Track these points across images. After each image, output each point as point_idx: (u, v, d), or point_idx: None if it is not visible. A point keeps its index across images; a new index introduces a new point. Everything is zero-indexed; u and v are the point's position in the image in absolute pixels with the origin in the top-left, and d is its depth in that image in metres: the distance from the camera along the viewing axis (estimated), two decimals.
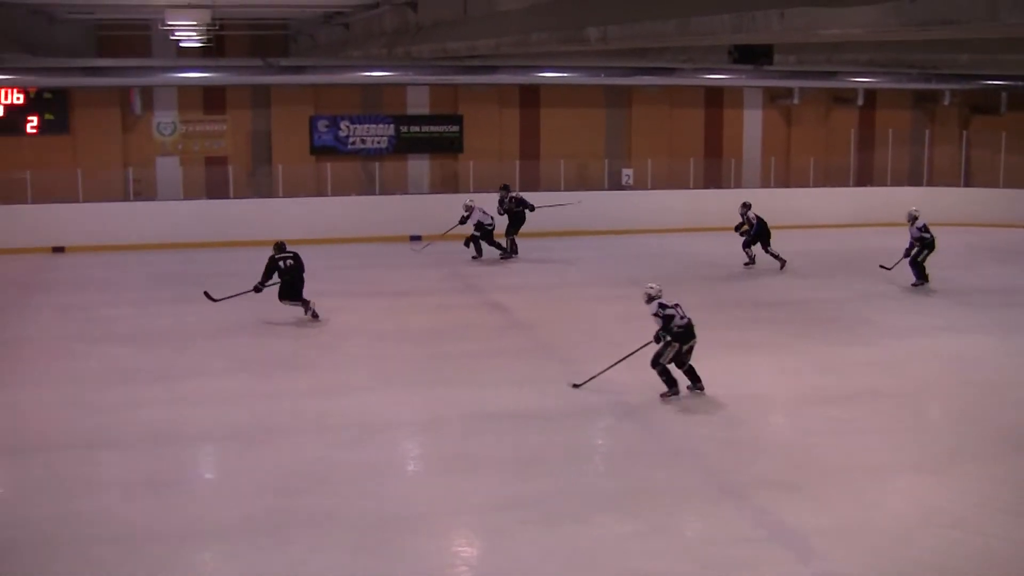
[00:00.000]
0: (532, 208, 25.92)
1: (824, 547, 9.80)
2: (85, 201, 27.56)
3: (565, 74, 29.12)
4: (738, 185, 32.50)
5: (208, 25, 23.95)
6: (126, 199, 28.73)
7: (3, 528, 10.39)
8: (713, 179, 32.34)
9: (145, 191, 29.35)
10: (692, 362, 14.42)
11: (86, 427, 13.47)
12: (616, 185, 31.52)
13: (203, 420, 13.73)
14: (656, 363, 14.24)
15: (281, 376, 15.70)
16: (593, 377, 14.83)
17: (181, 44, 29.55)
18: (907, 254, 22.20)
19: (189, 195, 29.40)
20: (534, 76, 29.25)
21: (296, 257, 18.79)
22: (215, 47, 29.39)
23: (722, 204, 28.43)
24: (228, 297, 19.26)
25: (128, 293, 21.58)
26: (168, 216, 27.86)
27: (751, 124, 33.90)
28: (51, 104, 28.73)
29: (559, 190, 30.13)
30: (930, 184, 33.40)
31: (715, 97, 33.23)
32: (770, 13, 11.05)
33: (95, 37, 34.83)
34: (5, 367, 16.56)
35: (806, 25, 10.86)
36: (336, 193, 29.12)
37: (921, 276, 22.14)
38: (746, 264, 24.08)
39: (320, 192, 29.23)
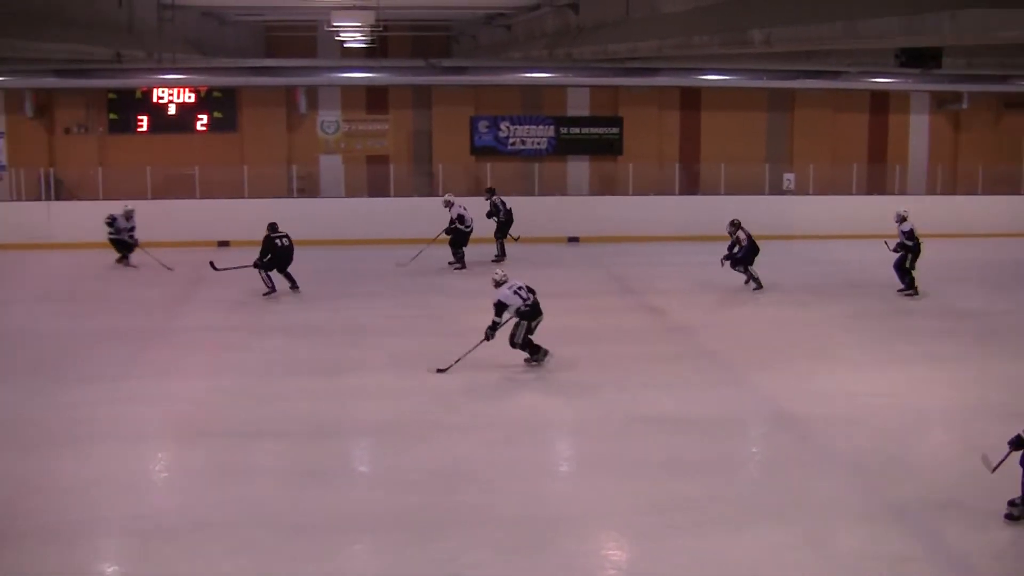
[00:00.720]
0: (498, 220, 25.64)
1: (984, 567, 9.54)
2: (250, 197, 28.19)
3: (727, 76, 28.79)
4: (902, 192, 31.77)
5: (372, 26, 24.33)
6: (290, 196, 29.30)
7: (165, 513, 10.69)
8: (877, 185, 31.67)
9: (308, 188, 29.90)
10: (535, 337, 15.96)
11: (247, 416, 13.79)
12: (777, 190, 31.10)
13: (361, 414, 13.94)
14: (514, 343, 15.76)
15: (437, 373, 15.83)
16: (457, 360, 15.59)
17: (346, 45, 30.08)
18: (896, 249, 21.58)
19: (351, 193, 29.87)
20: (695, 78, 28.98)
21: (288, 237, 21.22)
22: (378, 48, 29.81)
23: (886, 211, 27.83)
24: (231, 268, 21.67)
25: (287, 287, 21.99)
26: (330, 213, 28.33)
27: (917, 129, 33.10)
28: (220, 103, 29.45)
29: (719, 194, 29.85)
30: None
31: (880, 101, 32.53)
32: (941, 15, 10.74)
33: (263, 38, 35.67)
34: (171, 357, 17.06)
35: (979, 27, 10.53)
36: (496, 193, 29.23)
37: (910, 285, 21.49)
38: (747, 282, 22.26)
39: (480, 192, 29.41)
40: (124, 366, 16.18)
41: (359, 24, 24.35)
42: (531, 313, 15.69)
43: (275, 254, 21.18)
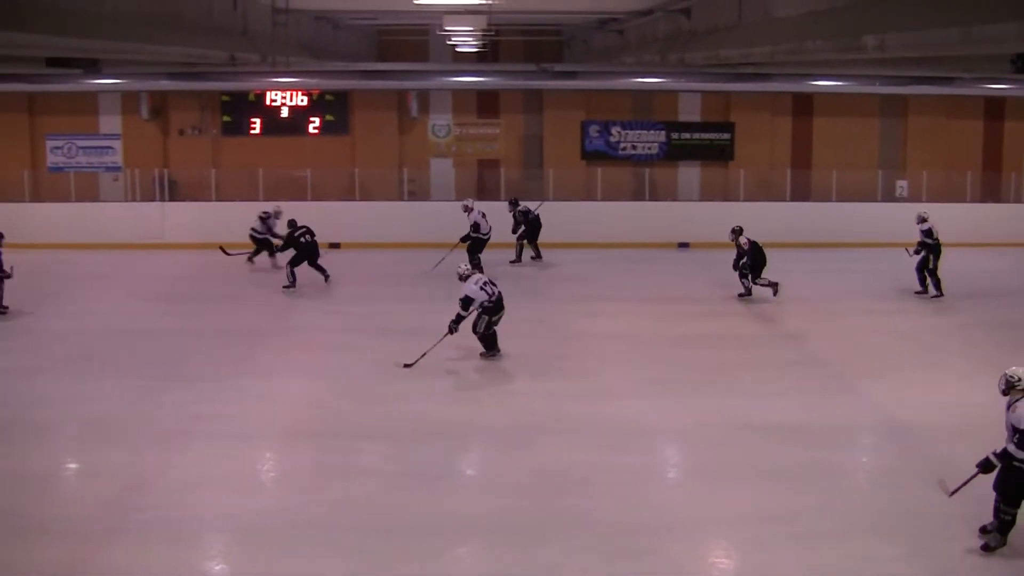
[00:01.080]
0: (534, 221, 25.62)
1: None
2: (361, 200, 28.46)
3: (839, 82, 28.40)
4: (1018, 200, 31.14)
5: (484, 31, 24.46)
6: (400, 199, 29.53)
7: (270, 512, 10.84)
8: (992, 193, 31.06)
9: (419, 191, 30.11)
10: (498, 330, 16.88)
11: (353, 417, 13.96)
12: (890, 197, 30.65)
13: (466, 417, 14.02)
14: (475, 330, 16.64)
15: (545, 377, 15.87)
16: (423, 355, 16.11)
17: (457, 49, 30.21)
18: (916, 252, 21.70)
19: (461, 196, 29.98)
20: (807, 84, 28.63)
21: (311, 232, 22.29)
22: (490, 52, 29.88)
23: (1001, 219, 27.37)
24: (240, 253, 24.12)
25: (397, 290, 22.20)
26: (440, 216, 28.46)
27: None
28: (332, 106, 29.76)
29: (830, 200, 29.50)
30: None
31: (995, 107, 31.86)
32: None
33: (376, 42, 35.97)
34: (279, 357, 17.34)
35: None
36: (606, 198, 29.18)
37: (936, 286, 21.46)
38: (741, 295, 21.86)
39: (590, 197, 29.36)
40: (233, 365, 16.46)
41: (471, 28, 24.49)
42: (494, 308, 16.52)
43: (300, 250, 22.08)
